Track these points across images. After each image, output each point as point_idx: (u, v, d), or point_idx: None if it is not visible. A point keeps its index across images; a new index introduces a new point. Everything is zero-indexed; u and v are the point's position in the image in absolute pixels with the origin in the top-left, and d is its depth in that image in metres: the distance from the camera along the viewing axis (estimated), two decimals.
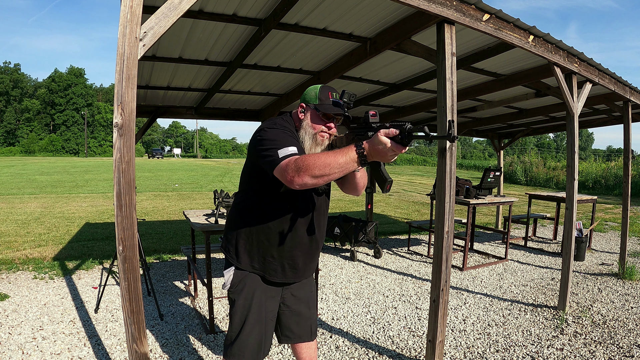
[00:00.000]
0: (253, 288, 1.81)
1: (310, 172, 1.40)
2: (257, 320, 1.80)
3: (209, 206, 10.31)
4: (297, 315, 1.96)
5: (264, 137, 1.62)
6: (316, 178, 1.41)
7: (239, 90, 5.28)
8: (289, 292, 1.94)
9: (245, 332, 1.79)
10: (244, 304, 1.80)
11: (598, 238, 7.66)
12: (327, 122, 1.74)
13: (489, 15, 2.70)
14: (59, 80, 60.46)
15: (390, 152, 1.34)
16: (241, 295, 1.81)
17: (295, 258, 1.82)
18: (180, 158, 61.31)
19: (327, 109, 1.70)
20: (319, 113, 1.72)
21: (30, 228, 7.56)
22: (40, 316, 3.51)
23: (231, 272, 1.83)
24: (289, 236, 1.78)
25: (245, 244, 1.81)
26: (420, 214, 10.60)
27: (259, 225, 1.77)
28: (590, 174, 20.35)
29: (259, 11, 2.92)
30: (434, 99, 5.77)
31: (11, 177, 19.14)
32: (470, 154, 70.53)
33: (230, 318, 1.84)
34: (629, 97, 4.77)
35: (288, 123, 1.76)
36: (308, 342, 2.02)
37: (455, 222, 6.24)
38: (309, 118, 1.74)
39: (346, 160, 1.39)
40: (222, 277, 4.74)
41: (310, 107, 1.75)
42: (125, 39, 1.69)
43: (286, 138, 1.61)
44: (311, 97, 1.75)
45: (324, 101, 1.72)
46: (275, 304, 1.89)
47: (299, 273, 1.87)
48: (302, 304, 1.97)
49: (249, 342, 1.79)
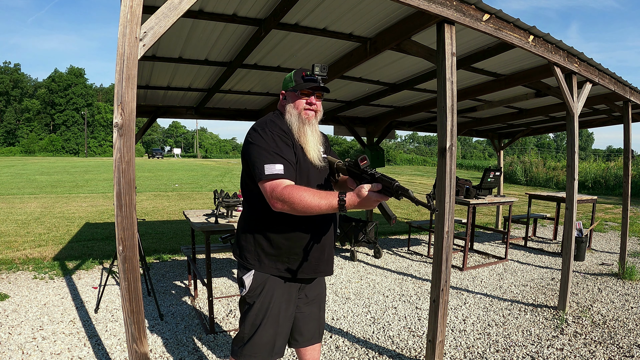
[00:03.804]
0: (272, 291, 1.80)
1: (292, 207, 1.56)
2: (272, 323, 1.80)
3: (209, 206, 10.31)
4: (307, 318, 1.96)
5: (254, 141, 1.70)
6: (295, 212, 1.58)
7: (239, 90, 5.28)
8: (303, 293, 1.94)
9: (259, 333, 1.79)
10: (261, 307, 1.80)
11: (598, 238, 7.66)
12: (307, 98, 1.81)
13: (489, 15, 2.70)
14: (59, 80, 60.43)
15: (373, 202, 1.48)
16: (259, 298, 1.80)
17: (319, 249, 1.83)
18: (180, 158, 61.33)
19: (302, 86, 1.79)
20: (297, 93, 1.80)
21: (30, 228, 7.56)
22: (40, 316, 3.51)
23: (251, 277, 1.81)
24: (308, 229, 1.79)
25: (265, 247, 1.79)
26: (420, 214, 10.60)
27: (276, 226, 1.76)
28: (590, 174, 20.34)
29: (259, 11, 2.92)
30: (434, 99, 5.77)
31: (11, 177, 19.14)
32: (470, 154, 70.51)
33: (244, 319, 1.84)
34: (629, 97, 4.77)
35: (278, 118, 1.82)
36: (315, 345, 2.02)
37: (455, 222, 6.24)
38: (290, 101, 1.82)
39: (327, 207, 1.54)
40: (222, 277, 4.76)
41: (289, 90, 1.83)
42: (125, 39, 1.69)
43: (276, 150, 1.66)
44: (288, 82, 1.85)
45: (299, 81, 1.80)
46: (293, 308, 1.88)
47: (325, 263, 1.88)
48: (314, 305, 1.98)
49: (262, 343, 1.79)
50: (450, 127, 2.58)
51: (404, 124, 7.82)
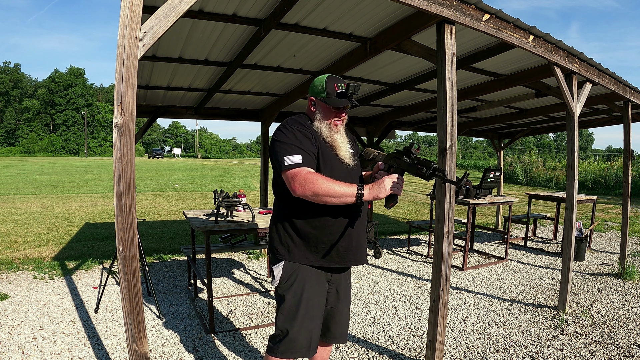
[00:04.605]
0: (302, 283, 1.82)
1: (313, 189, 1.64)
2: (308, 316, 1.81)
3: (209, 206, 10.31)
4: (338, 316, 1.98)
5: (277, 138, 1.78)
6: (316, 196, 1.65)
7: (239, 90, 5.28)
8: (334, 288, 1.96)
9: (296, 328, 1.80)
10: (294, 299, 1.82)
11: (598, 238, 7.66)
12: (338, 112, 1.87)
13: (489, 15, 2.70)
14: (59, 80, 60.46)
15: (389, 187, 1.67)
16: (290, 290, 1.82)
17: (347, 238, 1.85)
18: (180, 158, 61.34)
19: (335, 102, 1.83)
20: (330, 107, 1.85)
21: (30, 228, 7.56)
22: (40, 316, 3.51)
23: (280, 267, 1.84)
24: (337, 218, 1.82)
25: (294, 237, 1.83)
26: (420, 214, 10.60)
27: (304, 216, 1.81)
28: (590, 174, 20.34)
29: (259, 11, 2.92)
30: (434, 99, 5.77)
31: (11, 177, 19.14)
32: (470, 154, 70.51)
33: (279, 314, 1.85)
34: (629, 97, 4.77)
35: (304, 121, 1.86)
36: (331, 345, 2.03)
37: (455, 222, 6.24)
38: (320, 111, 1.87)
39: (346, 194, 1.65)
40: (222, 277, 4.75)
41: (320, 100, 1.86)
42: (125, 39, 1.69)
43: (295, 142, 1.72)
44: (319, 92, 1.86)
45: (332, 94, 1.84)
46: (324, 300, 1.90)
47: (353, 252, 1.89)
48: (344, 304, 2.00)
49: (299, 339, 1.80)
50: (450, 127, 2.58)
51: (404, 124, 7.83)
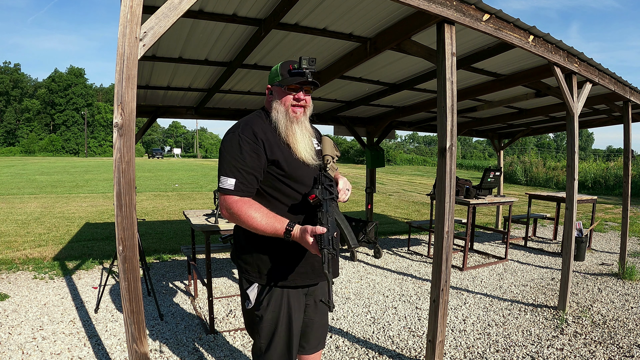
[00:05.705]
0: (279, 302, 1.74)
1: (239, 221, 1.62)
2: (285, 332, 1.76)
3: (209, 206, 10.31)
4: (316, 325, 1.92)
5: (222, 147, 1.70)
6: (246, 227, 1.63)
7: (239, 90, 5.28)
8: (312, 299, 1.87)
9: (275, 344, 1.76)
10: (272, 318, 1.74)
11: (598, 238, 7.66)
12: (295, 93, 1.71)
13: (489, 15, 2.70)
14: (59, 80, 60.44)
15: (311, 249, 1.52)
16: (267, 310, 1.74)
17: None
18: (180, 158, 61.33)
19: (288, 81, 1.68)
20: (283, 88, 1.70)
21: (30, 228, 7.56)
22: (40, 316, 3.51)
23: (255, 290, 1.75)
24: None
25: (265, 259, 1.73)
26: (420, 214, 10.60)
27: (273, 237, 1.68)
28: (590, 174, 20.34)
29: (259, 11, 2.92)
30: (434, 99, 5.77)
31: (11, 177, 19.14)
32: (470, 154, 70.49)
33: (258, 330, 1.77)
34: (629, 97, 4.77)
35: (260, 118, 1.74)
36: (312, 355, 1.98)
37: (455, 222, 6.24)
38: (277, 97, 1.72)
39: (272, 232, 1.58)
40: (222, 277, 4.75)
41: (275, 85, 1.73)
42: (125, 39, 1.69)
43: (235, 159, 1.63)
44: (274, 76, 1.75)
45: (285, 75, 1.70)
46: (301, 315, 1.83)
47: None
48: (321, 312, 1.93)
49: (278, 352, 1.77)
50: (450, 127, 2.58)
51: (404, 124, 7.82)
